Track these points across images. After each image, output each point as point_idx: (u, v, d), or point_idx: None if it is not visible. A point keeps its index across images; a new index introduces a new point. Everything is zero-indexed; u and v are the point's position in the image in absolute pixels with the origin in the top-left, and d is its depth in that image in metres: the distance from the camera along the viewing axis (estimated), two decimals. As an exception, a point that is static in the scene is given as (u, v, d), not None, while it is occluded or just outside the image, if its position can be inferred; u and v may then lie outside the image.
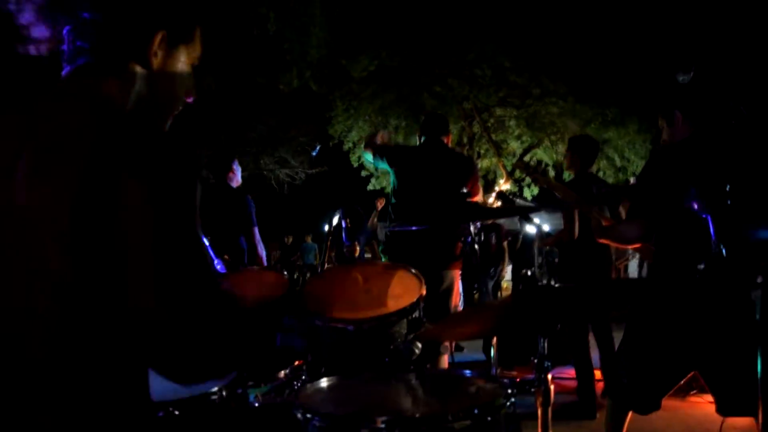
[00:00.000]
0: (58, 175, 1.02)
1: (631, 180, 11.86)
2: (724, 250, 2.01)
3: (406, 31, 12.97)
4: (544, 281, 7.82)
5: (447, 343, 3.40)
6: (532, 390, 1.74)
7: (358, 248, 2.64)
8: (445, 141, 4.00)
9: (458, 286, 3.84)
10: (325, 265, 5.85)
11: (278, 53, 12.13)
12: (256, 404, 2.20)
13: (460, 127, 14.88)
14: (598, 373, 4.40)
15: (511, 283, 12.58)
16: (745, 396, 2.39)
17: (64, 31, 1.17)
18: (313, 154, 16.87)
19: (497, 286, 10.41)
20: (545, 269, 9.57)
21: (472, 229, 2.46)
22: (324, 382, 1.93)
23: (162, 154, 1.03)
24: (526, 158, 14.52)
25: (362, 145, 4.56)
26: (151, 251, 0.98)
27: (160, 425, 1.69)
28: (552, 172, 14.70)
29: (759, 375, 2.16)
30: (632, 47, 12.09)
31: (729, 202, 2.07)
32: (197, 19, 1.25)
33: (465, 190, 2.77)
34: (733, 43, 11.08)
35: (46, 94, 1.14)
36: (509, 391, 1.68)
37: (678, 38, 10.91)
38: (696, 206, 2.04)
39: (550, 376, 1.74)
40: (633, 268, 11.48)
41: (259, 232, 5.29)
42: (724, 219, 2.06)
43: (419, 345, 2.14)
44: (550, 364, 1.75)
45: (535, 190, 14.62)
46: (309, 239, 18.24)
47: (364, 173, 15.18)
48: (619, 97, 13.04)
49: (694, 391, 4.52)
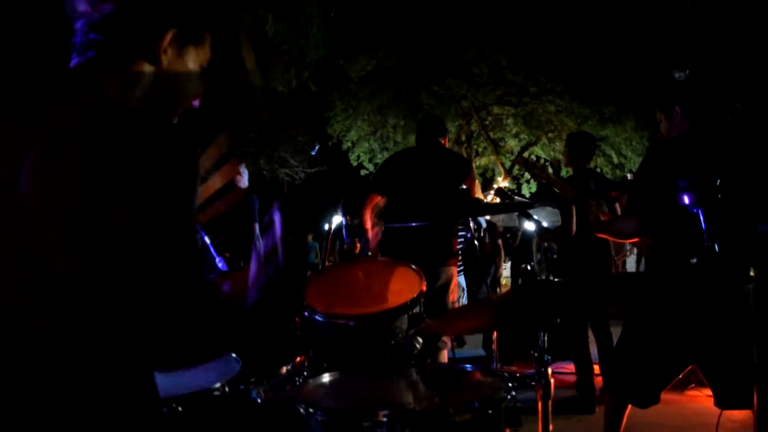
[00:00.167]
0: (61, 173, 1.04)
1: (629, 177, 11.88)
2: (716, 245, 2.02)
3: (403, 31, 12.99)
4: (543, 277, 7.84)
5: (447, 339, 3.42)
6: (533, 384, 1.76)
7: (359, 245, 2.66)
8: (442, 142, 4.02)
9: (456, 282, 3.85)
10: (326, 264, 5.90)
11: (277, 54, 12.15)
12: (259, 400, 2.22)
13: (458, 126, 14.90)
14: (597, 368, 4.41)
15: (510, 280, 12.61)
16: (743, 389, 2.41)
17: (78, 24, 1.18)
18: (312, 153, 16.88)
19: (496, 283, 10.42)
20: (544, 265, 9.60)
21: (472, 225, 2.48)
22: (326, 377, 1.95)
23: (159, 148, 1.05)
24: (524, 155, 14.52)
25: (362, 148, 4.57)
26: (140, 244, 1.01)
27: (165, 421, 1.71)
28: (549, 170, 14.70)
29: (755, 368, 2.19)
30: (629, 45, 12.13)
31: (720, 197, 2.09)
32: (208, 22, 1.27)
33: (464, 187, 2.78)
34: (729, 41, 11.10)
35: (51, 89, 1.16)
36: (510, 385, 1.70)
37: (674, 36, 10.93)
38: (687, 200, 2.06)
39: (550, 370, 1.76)
40: (631, 264, 11.50)
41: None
42: (715, 213, 2.07)
43: (420, 340, 2.15)
44: (550, 358, 1.76)
45: (534, 187, 14.64)
46: (310, 238, 18.24)
47: (363, 172, 15.19)
48: (616, 95, 13.06)
49: (692, 385, 4.54)
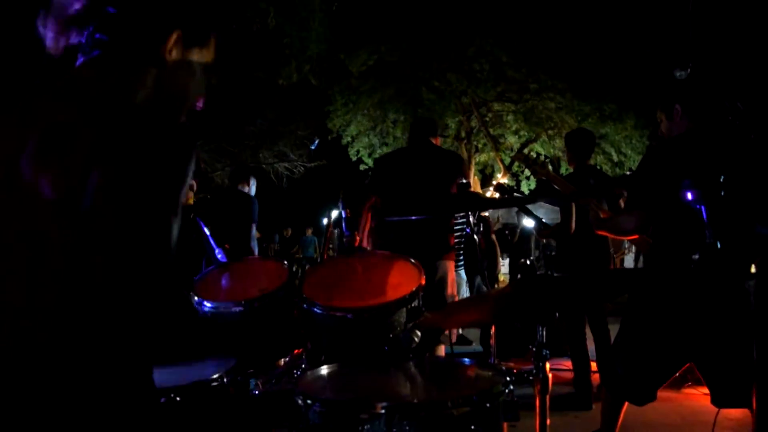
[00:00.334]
0: (59, 167, 1.04)
1: (628, 174, 11.89)
2: (718, 242, 2.02)
3: (405, 26, 12.97)
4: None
5: (447, 333, 3.43)
6: (530, 378, 1.76)
7: (359, 238, 2.65)
8: (434, 142, 4.05)
9: (453, 276, 3.88)
10: (326, 256, 5.93)
11: (278, 48, 12.12)
12: (257, 392, 2.22)
13: (458, 122, 14.89)
14: (594, 365, 4.42)
15: (508, 276, 12.61)
16: (740, 387, 2.41)
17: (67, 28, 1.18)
18: (312, 147, 16.88)
19: (494, 280, 10.40)
20: (542, 262, 9.60)
21: (472, 220, 2.48)
22: (324, 370, 1.95)
23: (150, 136, 1.07)
24: (524, 152, 14.53)
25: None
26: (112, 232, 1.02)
27: (163, 411, 1.71)
28: (549, 167, 14.72)
29: (755, 366, 2.19)
30: (630, 43, 12.11)
31: (723, 194, 2.09)
32: (214, 25, 1.28)
33: (464, 181, 2.78)
34: (730, 40, 11.10)
35: (51, 88, 1.16)
36: (507, 379, 1.70)
37: (675, 35, 10.91)
38: (690, 197, 2.06)
39: (548, 365, 1.76)
40: (629, 262, 11.52)
41: (258, 225, 5.64)
42: (718, 210, 2.07)
43: (418, 333, 2.15)
44: (548, 352, 1.76)
45: (533, 184, 14.63)
46: (309, 232, 18.26)
47: (362, 167, 15.18)
48: (617, 93, 13.05)
49: (689, 383, 4.55)
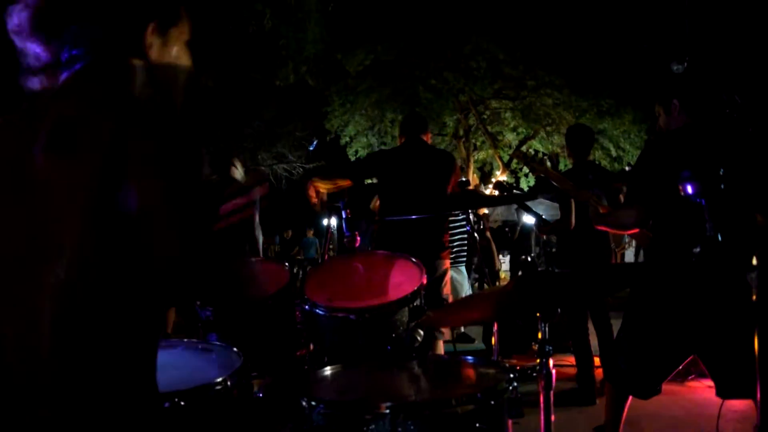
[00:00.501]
0: (71, 159, 1.05)
1: (627, 170, 11.88)
2: (719, 234, 2.02)
3: (401, 25, 12.96)
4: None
5: (444, 330, 3.45)
6: (534, 375, 1.76)
7: (359, 239, 2.66)
8: (425, 138, 4.08)
9: (449, 274, 3.95)
10: (326, 256, 5.92)
11: (274, 49, 12.12)
12: (261, 394, 2.22)
13: (456, 120, 14.88)
14: (597, 360, 4.41)
15: (509, 274, 12.61)
16: (744, 378, 2.41)
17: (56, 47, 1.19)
18: (311, 148, 16.85)
19: (494, 276, 10.40)
20: (543, 259, 9.59)
21: (472, 218, 2.48)
22: (327, 371, 1.94)
23: (161, 119, 1.09)
24: (522, 149, 14.51)
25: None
26: (166, 204, 1.04)
27: (167, 416, 1.70)
28: (548, 163, 14.71)
29: (757, 357, 2.18)
30: (626, 38, 12.10)
31: (723, 187, 2.09)
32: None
33: (464, 180, 2.78)
34: (727, 34, 11.09)
35: (52, 93, 1.16)
36: (511, 376, 1.70)
37: (672, 29, 10.91)
38: (690, 191, 2.06)
39: (551, 361, 1.76)
40: (629, 256, 11.52)
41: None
42: (719, 203, 2.07)
43: (421, 332, 2.16)
44: (551, 348, 1.76)
45: (532, 181, 14.63)
46: (311, 234, 18.23)
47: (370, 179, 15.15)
48: (614, 88, 13.05)
49: (693, 376, 4.55)
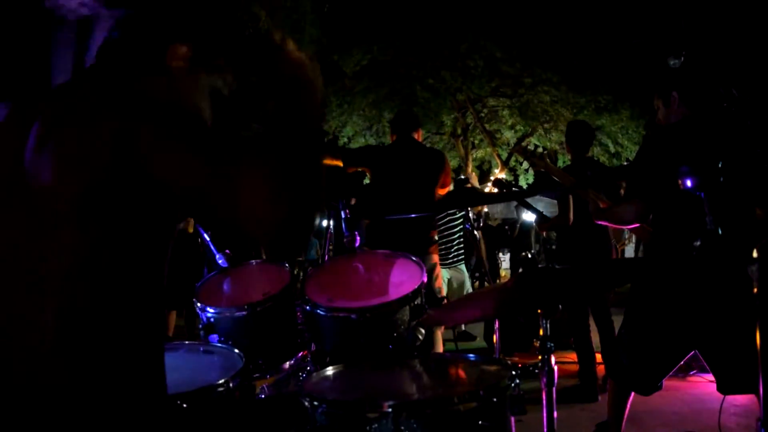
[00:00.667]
0: (71, 154, 1.04)
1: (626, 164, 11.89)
2: (719, 228, 2.02)
3: (397, 24, 12.95)
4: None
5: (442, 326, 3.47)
6: (536, 372, 1.75)
7: (359, 238, 2.66)
8: (416, 137, 4.09)
9: (440, 270, 4.01)
10: (326, 257, 5.91)
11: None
12: (263, 396, 2.22)
13: (454, 118, 14.88)
14: (599, 357, 4.42)
15: (509, 271, 12.62)
16: (745, 373, 2.41)
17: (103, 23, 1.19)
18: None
19: (496, 275, 10.40)
20: (543, 256, 9.59)
21: (471, 216, 2.48)
22: (329, 371, 1.94)
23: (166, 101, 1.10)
24: (522, 145, 14.51)
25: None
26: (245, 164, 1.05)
27: (172, 417, 1.70)
28: (547, 159, 14.68)
29: (759, 351, 2.18)
30: (623, 34, 12.10)
31: (722, 180, 2.09)
32: (222, 51, 1.28)
33: (463, 177, 2.79)
34: (723, 27, 11.09)
35: (57, 89, 1.17)
36: (513, 373, 1.70)
37: (668, 24, 10.92)
38: (690, 184, 2.06)
39: (553, 358, 1.76)
40: (630, 252, 11.54)
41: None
42: (718, 196, 2.07)
43: (422, 331, 2.15)
44: (553, 345, 1.76)
45: (531, 178, 14.63)
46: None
47: (359, 168, 15.14)
48: (612, 84, 13.04)
49: (694, 371, 4.57)
